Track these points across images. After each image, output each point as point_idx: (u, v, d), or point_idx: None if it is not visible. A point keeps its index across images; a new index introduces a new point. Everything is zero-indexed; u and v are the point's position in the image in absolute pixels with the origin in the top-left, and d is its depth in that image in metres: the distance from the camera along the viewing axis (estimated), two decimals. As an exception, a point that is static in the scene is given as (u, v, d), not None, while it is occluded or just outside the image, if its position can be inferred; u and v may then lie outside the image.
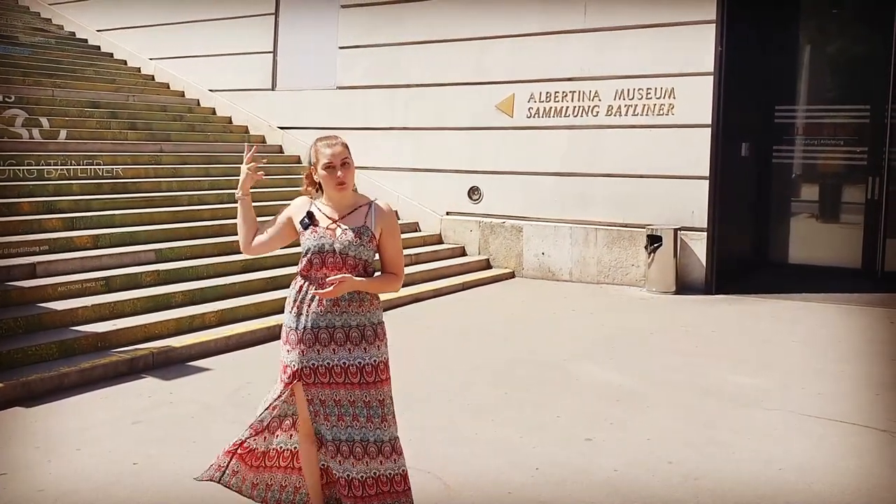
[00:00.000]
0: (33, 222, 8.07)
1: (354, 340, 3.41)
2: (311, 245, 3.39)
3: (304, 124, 12.91)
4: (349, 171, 3.43)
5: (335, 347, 3.40)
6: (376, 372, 3.46)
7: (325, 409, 3.44)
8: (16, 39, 13.90)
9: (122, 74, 14.24)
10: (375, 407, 3.46)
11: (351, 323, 3.41)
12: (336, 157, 3.38)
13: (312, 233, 3.41)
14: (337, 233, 3.40)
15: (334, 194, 3.43)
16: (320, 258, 3.38)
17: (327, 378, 3.40)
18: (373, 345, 3.45)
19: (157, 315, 7.19)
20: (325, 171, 3.39)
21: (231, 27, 13.76)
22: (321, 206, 3.49)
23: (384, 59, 12.24)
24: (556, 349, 7.19)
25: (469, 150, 11.58)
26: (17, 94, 11.16)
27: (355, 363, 3.41)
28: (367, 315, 3.45)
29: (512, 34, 11.10)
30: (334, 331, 3.40)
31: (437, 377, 6.29)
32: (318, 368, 3.40)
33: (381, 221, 3.48)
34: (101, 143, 10.74)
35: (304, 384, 3.42)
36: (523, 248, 11.21)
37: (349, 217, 3.44)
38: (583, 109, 10.69)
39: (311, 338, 3.40)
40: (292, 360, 3.43)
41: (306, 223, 3.42)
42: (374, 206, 3.51)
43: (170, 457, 4.60)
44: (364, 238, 3.41)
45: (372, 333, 3.45)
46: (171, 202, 9.76)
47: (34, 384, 5.63)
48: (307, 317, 3.40)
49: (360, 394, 3.43)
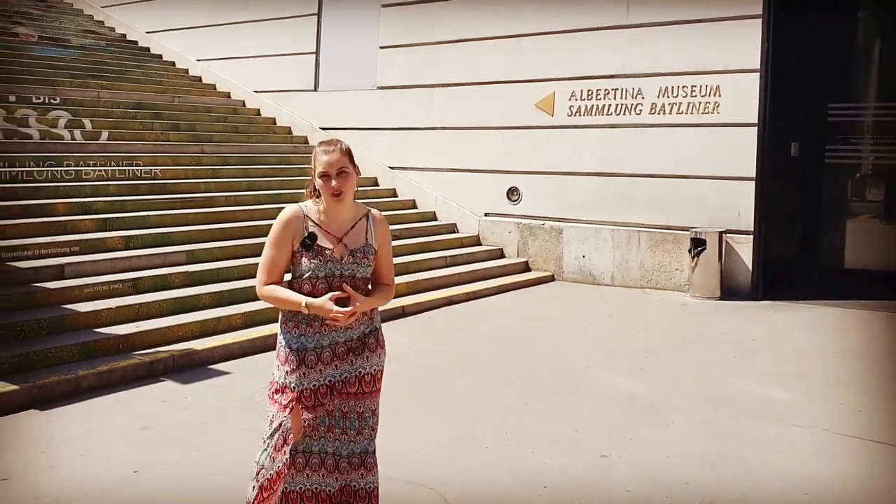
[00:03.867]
0: (67, 223, 8.14)
1: (356, 351, 3.27)
2: (317, 271, 3.18)
3: (346, 125, 12.87)
4: (347, 180, 3.21)
5: (337, 363, 3.24)
6: (374, 381, 3.33)
7: (315, 423, 3.24)
8: (67, 42, 14.18)
9: (169, 76, 14.40)
10: (367, 417, 3.32)
11: (353, 336, 3.27)
12: (332, 166, 3.18)
13: (317, 257, 3.18)
14: (344, 257, 3.21)
15: (332, 205, 3.23)
16: (326, 283, 3.18)
17: (328, 397, 3.23)
18: (374, 353, 3.32)
19: (182, 317, 7.17)
20: (320, 178, 3.20)
21: (275, 28, 13.80)
22: (319, 218, 3.24)
23: (422, 58, 12.11)
24: (585, 357, 6.94)
25: (507, 149, 11.36)
26: (62, 95, 11.36)
27: (355, 373, 3.26)
28: (368, 323, 3.32)
29: (551, 31, 10.85)
30: (337, 346, 3.24)
31: (456, 384, 6.12)
32: (318, 389, 3.22)
33: (379, 234, 3.34)
34: (142, 144, 10.85)
35: (303, 407, 3.21)
36: (563, 250, 10.95)
37: (351, 234, 3.26)
38: (625, 107, 10.38)
39: (313, 359, 3.21)
40: (292, 382, 3.21)
41: (308, 245, 3.19)
42: (370, 217, 3.35)
43: (170, 464, 4.52)
44: (369, 257, 3.27)
45: (374, 341, 3.32)
46: (207, 203, 9.79)
47: (51, 387, 5.63)
48: (310, 337, 3.22)
49: (354, 404, 3.28)
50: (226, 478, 4.33)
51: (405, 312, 8.52)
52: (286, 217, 3.26)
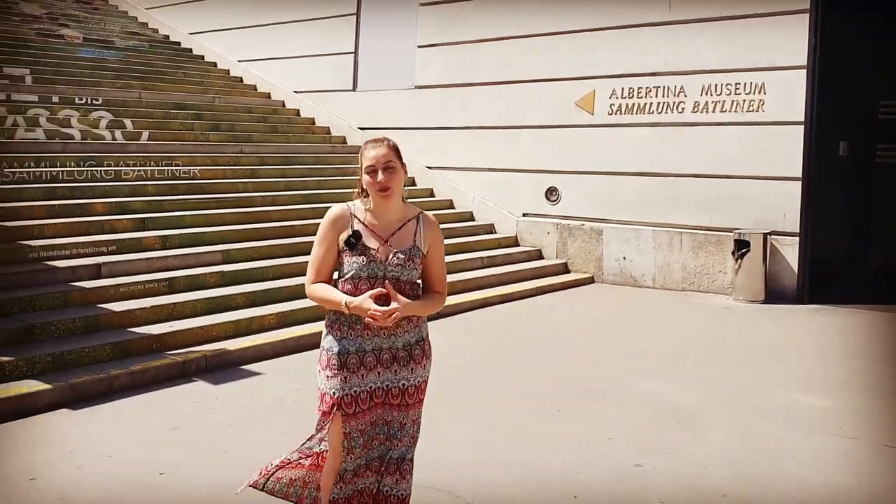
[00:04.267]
0: (104, 223, 8.20)
1: (401, 361, 3.16)
2: (361, 271, 3.08)
3: (383, 125, 12.80)
4: (395, 176, 3.09)
5: (380, 370, 3.13)
6: (417, 392, 3.23)
7: (362, 440, 3.15)
8: (111, 43, 14.37)
9: (210, 76, 14.51)
10: (408, 427, 3.23)
11: (397, 344, 3.15)
12: (378, 160, 3.08)
13: (361, 256, 3.08)
14: (389, 257, 3.10)
15: (379, 202, 3.12)
16: (369, 284, 3.08)
17: (367, 403, 3.13)
18: (419, 364, 3.20)
19: (215, 317, 7.16)
20: (367, 174, 3.10)
21: (315, 28, 13.83)
22: (365, 217, 3.15)
23: (460, 57, 12.02)
24: (623, 361, 6.78)
25: (546, 149, 11.21)
26: (105, 96, 11.50)
27: (399, 385, 3.16)
28: (415, 332, 3.20)
29: (590, 28, 10.68)
30: (381, 353, 3.13)
31: (489, 387, 6.00)
32: (359, 395, 3.11)
33: (429, 237, 3.22)
34: (182, 144, 10.92)
35: (343, 415, 3.10)
36: (603, 251, 10.76)
37: (398, 235, 3.15)
38: (667, 106, 10.16)
39: (355, 362, 3.11)
40: (333, 387, 3.12)
41: (352, 243, 3.09)
42: (421, 219, 3.22)
43: (196, 467, 4.48)
44: (416, 260, 3.15)
45: (420, 352, 3.21)
46: (244, 203, 9.81)
47: (83, 386, 5.64)
48: (352, 340, 3.12)
49: (398, 415, 3.19)
50: (250, 482, 4.28)
51: (441, 314, 8.39)
52: (333, 215, 3.18)
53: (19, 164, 8.69)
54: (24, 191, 8.34)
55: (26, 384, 5.50)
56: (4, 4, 14.68)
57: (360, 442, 3.15)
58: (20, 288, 6.72)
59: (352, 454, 3.15)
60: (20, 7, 14.84)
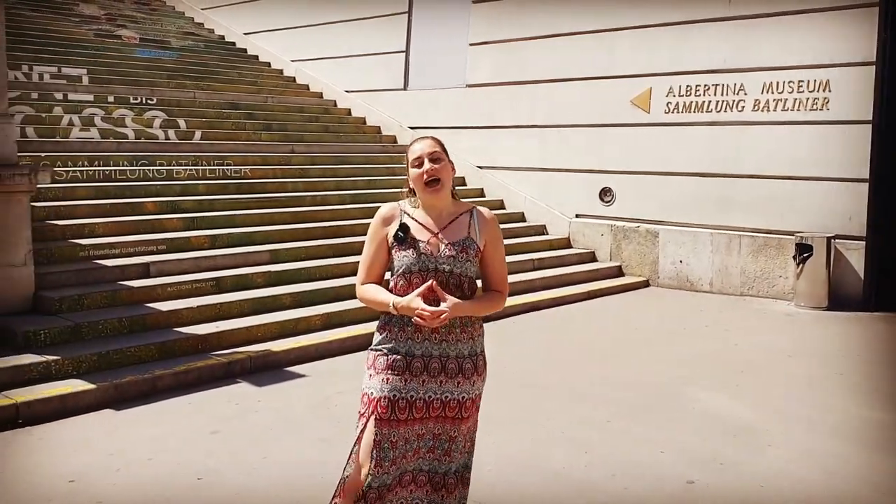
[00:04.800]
0: (154, 222, 8.24)
1: (450, 373, 2.96)
2: (412, 265, 2.93)
3: (434, 124, 12.70)
4: (443, 169, 2.97)
5: (425, 379, 2.95)
6: (462, 408, 3.02)
7: (392, 453, 2.95)
8: (167, 44, 14.54)
9: (264, 76, 14.58)
10: (459, 441, 3.06)
11: (449, 353, 2.96)
12: (424, 151, 2.97)
13: (410, 249, 2.94)
14: (440, 248, 2.95)
15: (427, 197, 2.99)
16: (421, 278, 2.92)
17: (406, 414, 2.94)
18: (468, 380, 3.00)
19: (262, 317, 7.12)
20: (413, 168, 2.98)
21: (367, 27, 13.78)
22: (415, 213, 3.03)
23: (512, 55, 11.82)
24: (676, 370, 6.52)
25: (600, 148, 10.95)
26: (159, 96, 11.61)
27: (441, 398, 2.97)
28: (469, 343, 3.01)
29: (646, 24, 10.39)
30: (430, 360, 2.95)
31: (534, 397, 5.82)
32: (398, 402, 2.92)
33: (485, 231, 3.04)
34: (234, 143, 10.97)
35: (376, 420, 2.92)
36: (659, 254, 10.46)
37: (450, 228, 3.00)
38: (726, 104, 9.82)
39: (401, 365, 2.94)
40: (372, 387, 2.96)
41: (401, 237, 2.95)
42: (475, 213, 3.06)
43: (234, 473, 4.40)
44: (470, 252, 2.97)
45: (471, 367, 3.01)
46: (294, 203, 9.78)
47: (127, 387, 5.64)
48: (402, 342, 2.96)
49: (450, 428, 3.02)
50: (288, 490, 4.18)
51: (487, 317, 8.22)
52: (383, 213, 3.07)
53: (73, 163, 8.79)
54: (76, 190, 8.44)
55: (71, 384, 5.51)
56: (64, 6, 14.98)
57: (390, 455, 2.94)
58: (70, 287, 6.78)
59: (380, 467, 2.93)
60: (80, 8, 15.12)
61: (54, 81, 11.00)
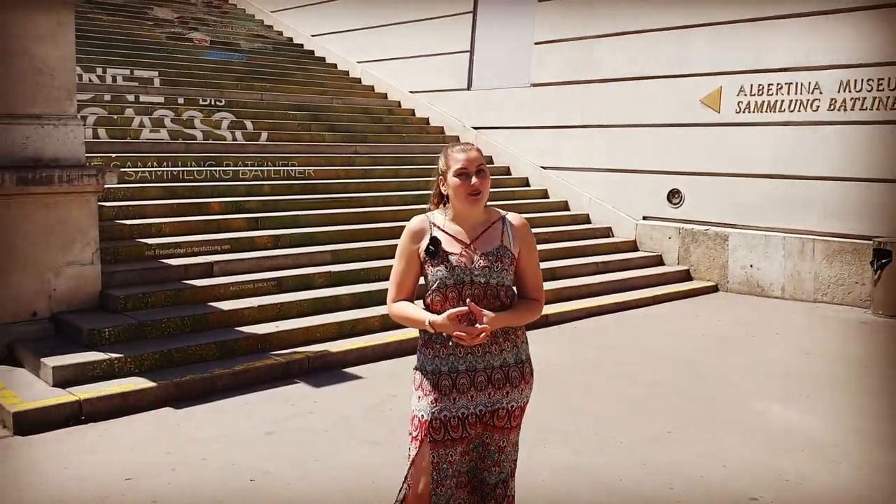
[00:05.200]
0: (220, 222, 8.36)
1: (497, 384, 2.89)
2: (446, 279, 2.85)
3: (497, 124, 12.63)
4: (485, 180, 2.88)
5: (473, 394, 2.87)
6: (515, 416, 2.96)
7: (451, 470, 2.90)
8: (237, 46, 14.80)
9: (330, 78, 14.70)
10: (508, 451, 2.99)
11: (494, 364, 2.89)
12: (471, 163, 2.86)
13: (442, 263, 2.85)
14: (473, 260, 2.86)
15: (465, 208, 2.89)
16: (457, 292, 2.84)
17: (459, 432, 2.87)
18: (516, 388, 2.93)
19: (321, 317, 7.15)
20: (457, 178, 2.86)
21: (432, 28, 13.76)
22: (445, 225, 2.93)
23: (578, 53, 11.63)
24: (743, 379, 6.29)
25: (668, 148, 10.68)
26: (227, 98, 11.81)
27: (489, 409, 2.90)
28: (514, 352, 2.93)
29: (716, 21, 10.08)
30: (475, 374, 2.87)
31: (592, 404, 5.67)
32: (449, 421, 2.85)
33: (518, 238, 2.95)
34: (299, 144, 11.07)
35: (431, 441, 2.86)
36: (728, 258, 10.14)
37: (482, 238, 2.90)
38: (800, 103, 9.45)
39: (447, 384, 2.86)
40: (422, 409, 2.89)
41: (432, 251, 2.86)
42: (507, 221, 2.97)
43: (286, 475, 4.40)
44: (505, 261, 2.88)
45: (517, 375, 2.93)
46: (356, 203, 9.81)
47: (187, 385, 5.71)
48: (444, 360, 2.87)
49: (498, 438, 2.95)
50: (339, 494, 4.16)
51: (548, 322, 8.12)
52: (412, 227, 2.97)
53: (142, 164, 8.99)
54: (145, 190, 8.62)
55: (133, 381, 5.61)
56: (139, 10, 15.38)
57: (448, 472, 2.90)
58: (135, 285, 6.92)
59: (441, 486, 2.90)
60: (154, 12, 15.51)
61: (127, 84, 11.28)
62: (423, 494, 2.93)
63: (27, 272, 6.20)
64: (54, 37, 6.22)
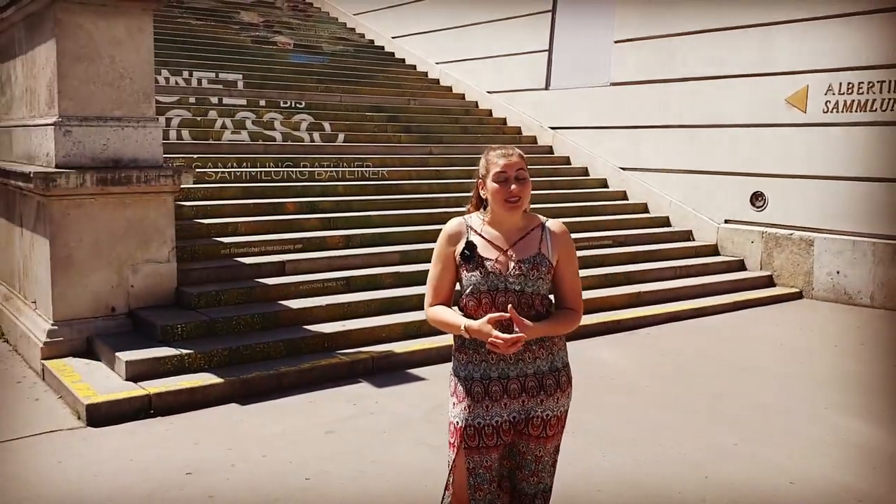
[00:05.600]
0: (293, 222, 8.51)
1: (531, 392, 2.84)
2: (480, 284, 2.82)
3: (575, 124, 12.45)
4: (525, 186, 2.84)
5: (507, 401, 2.84)
6: (551, 425, 2.90)
7: (489, 475, 2.89)
8: (319, 49, 15.05)
9: (409, 79, 14.79)
10: (546, 460, 2.94)
11: (527, 371, 2.84)
12: (511, 168, 2.83)
13: (477, 268, 2.83)
14: (509, 267, 2.82)
15: (503, 214, 2.85)
16: (490, 298, 2.81)
17: (494, 440, 2.84)
18: (551, 397, 2.86)
19: (387, 318, 7.17)
20: (496, 182, 2.84)
21: (510, 27, 13.68)
22: (483, 229, 2.90)
23: (658, 51, 11.35)
24: (821, 393, 6.00)
25: (752, 149, 10.31)
26: (308, 100, 12.01)
27: (523, 417, 2.86)
28: (549, 359, 2.88)
29: (804, 18, 9.66)
30: (508, 382, 2.84)
31: (656, 413, 5.52)
32: (483, 429, 2.83)
33: (557, 247, 2.89)
34: (374, 145, 11.17)
35: (465, 447, 2.85)
36: (813, 264, 9.73)
37: (520, 244, 2.86)
38: (892, 102, 8.98)
39: (480, 391, 2.84)
40: (456, 416, 2.88)
41: (468, 256, 2.84)
42: (546, 227, 2.92)
43: (341, 477, 4.43)
44: (542, 269, 2.84)
45: (553, 383, 2.87)
46: (428, 204, 9.83)
47: (253, 382, 5.82)
48: (477, 366, 2.85)
49: (534, 447, 2.90)
50: (392, 497, 4.16)
51: (620, 326, 7.95)
52: (449, 230, 2.95)
53: (223, 165, 9.23)
54: (224, 190, 8.84)
55: (201, 377, 5.75)
56: (227, 14, 15.82)
57: (486, 478, 2.88)
58: (210, 283, 7.10)
59: (480, 490, 2.89)
60: (240, 16, 15.93)
61: (211, 86, 11.61)
62: (462, 501, 2.90)
63: (107, 269, 6.43)
64: (134, 41, 6.44)
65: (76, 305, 6.31)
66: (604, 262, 9.49)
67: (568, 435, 4.90)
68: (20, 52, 7.13)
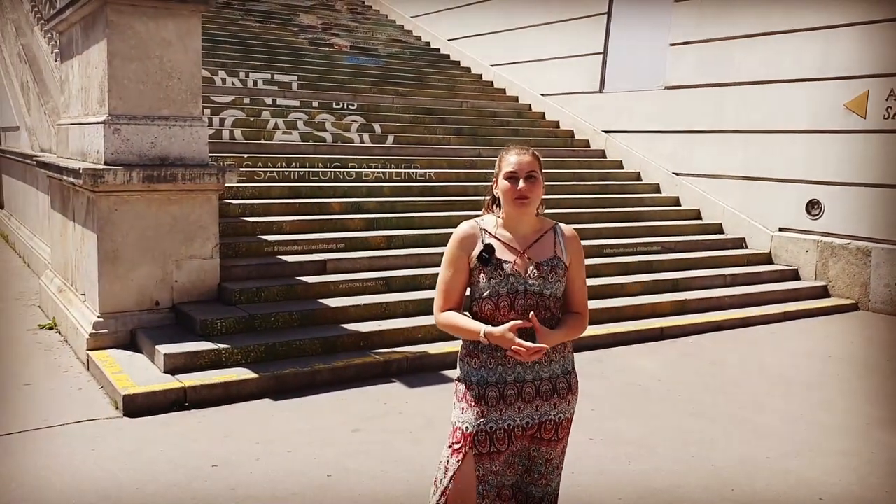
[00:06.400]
0: (338, 221, 8.60)
1: (544, 395, 2.84)
2: (499, 287, 2.80)
3: (629, 127, 12.29)
4: (535, 186, 2.81)
5: (521, 405, 2.83)
6: (563, 428, 2.91)
7: (496, 481, 2.87)
8: (375, 51, 15.18)
9: (462, 81, 14.80)
10: (555, 465, 2.94)
11: (542, 375, 2.84)
12: (522, 167, 2.82)
13: (496, 271, 2.80)
14: (527, 269, 2.81)
15: (513, 213, 2.84)
16: (509, 301, 2.79)
17: (505, 444, 2.83)
18: (563, 399, 2.87)
19: (423, 318, 7.09)
20: (506, 180, 2.83)
21: (566, 29, 13.59)
22: (497, 231, 2.87)
23: (715, 54, 11.13)
24: (868, 408, 5.80)
25: (808, 156, 10.02)
26: (360, 102, 12.13)
27: (537, 421, 2.85)
28: (561, 362, 2.88)
29: (865, 21, 9.35)
30: (523, 385, 2.82)
31: (694, 424, 5.40)
32: (495, 433, 2.81)
33: (569, 249, 2.90)
34: (423, 147, 11.21)
35: (475, 454, 2.81)
36: (871, 275, 9.41)
37: (536, 246, 2.86)
38: (958, 109, 8.64)
39: (495, 396, 2.81)
40: (466, 421, 2.83)
41: (485, 258, 2.81)
42: (558, 230, 2.92)
43: (362, 475, 4.45)
44: (559, 271, 2.83)
45: (565, 386, 2.88)
46: (472, 206, 9.79)
47: (287, 378, 5.91)
48: (491, 370, 2.83)
49: (545, 451, 2.90)
50: (409, 498, 4.17)
51: (663, 334, 7.82)
52: (460, 234, 2.91)
53: (272, 164, 9.39)
54: (272, 189, 8.99)
55: (237, 372, 5.86)
56: (286, 17, 16.08)
57: (494, 483, 2.87)
58: (252, 279, 7.22)
59: (486, 499, 2.87)
60: (300, 18, 16.17)
61: (266, 87, 11.82)
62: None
63: (152, 264, 6.60)
64: (182, 42, 6.60)
65: (122, 299, 6.50)
66: (651, 269, 9.34)
67: (598, 442, 4.86)
68: (77, 52, 7.38)
